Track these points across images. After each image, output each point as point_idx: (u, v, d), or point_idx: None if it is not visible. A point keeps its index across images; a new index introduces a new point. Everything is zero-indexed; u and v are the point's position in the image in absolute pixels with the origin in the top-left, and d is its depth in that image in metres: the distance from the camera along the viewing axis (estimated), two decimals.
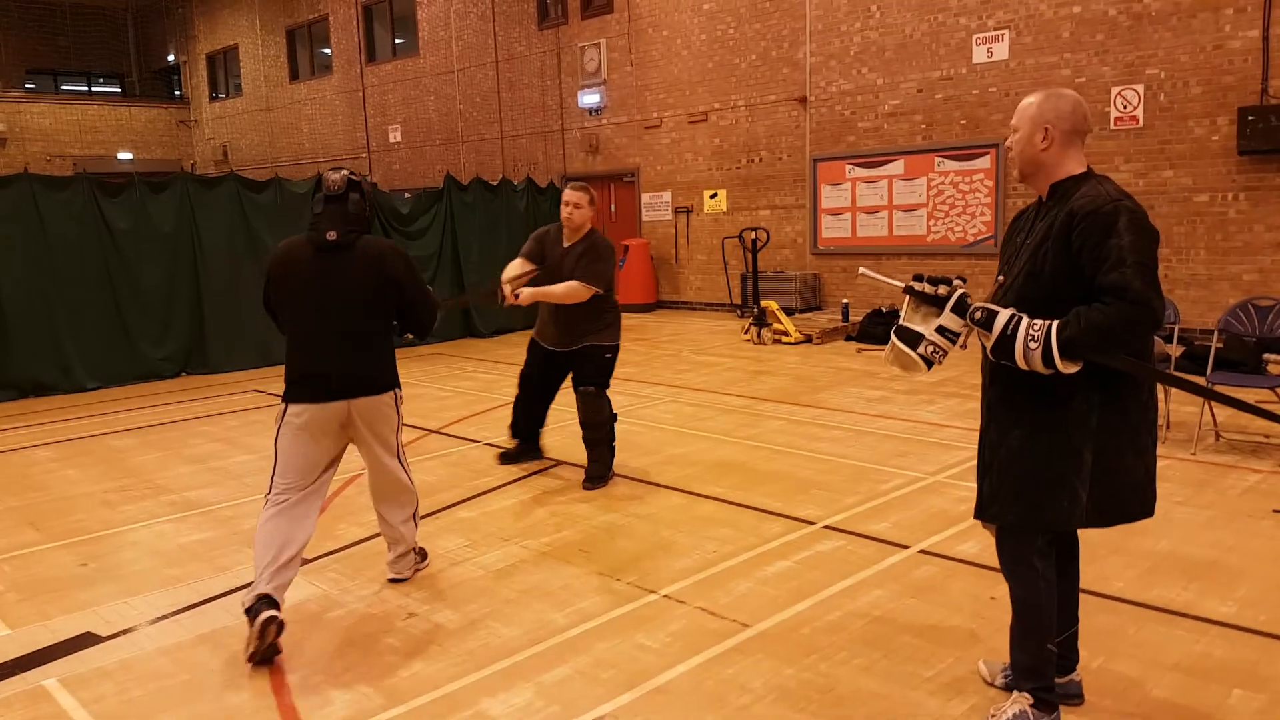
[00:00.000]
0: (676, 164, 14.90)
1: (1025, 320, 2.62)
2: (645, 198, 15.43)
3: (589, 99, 15.81)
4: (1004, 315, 2.65)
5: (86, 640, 3.66)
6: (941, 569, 4.15)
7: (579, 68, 15.91)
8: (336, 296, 3.76)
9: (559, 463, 6.08)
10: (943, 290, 2.78)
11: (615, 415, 5.67)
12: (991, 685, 3.14)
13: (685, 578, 4.12)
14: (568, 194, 5.54)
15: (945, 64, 11.77)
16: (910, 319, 2.84)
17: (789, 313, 12.24)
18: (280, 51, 22.79)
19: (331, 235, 3.77)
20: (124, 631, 3.74)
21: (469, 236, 12.53)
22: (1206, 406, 6.11)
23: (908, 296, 2.85)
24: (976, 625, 3.58)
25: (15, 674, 3.39)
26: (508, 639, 3.59)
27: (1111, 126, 10.48)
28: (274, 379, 9.65)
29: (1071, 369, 2.57)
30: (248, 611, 3.46)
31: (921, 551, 4.36)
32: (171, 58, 26.97)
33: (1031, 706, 2.80)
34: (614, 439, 5.66)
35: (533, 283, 5.45)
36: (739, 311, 13.35)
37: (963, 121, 11.71)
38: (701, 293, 14.89)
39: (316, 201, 3.87)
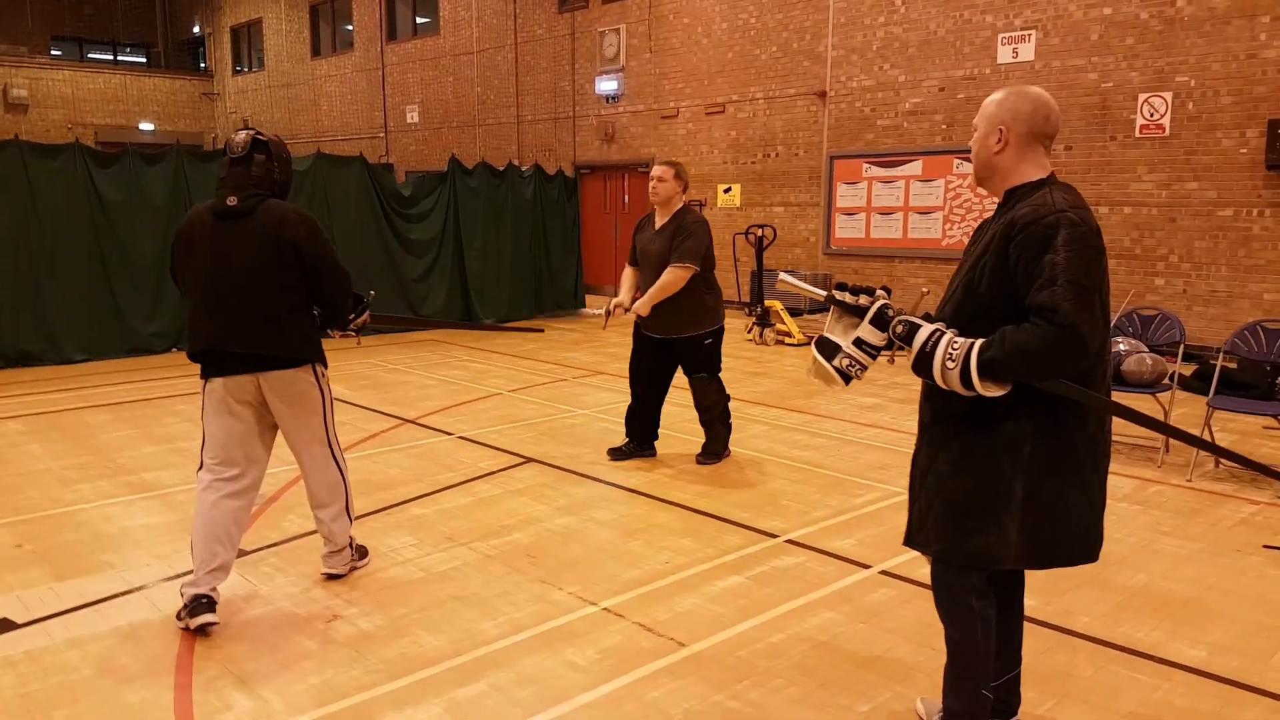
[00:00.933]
0: (692, 156, 14.66)
1: (947, 337, 2.41)
2: None
3: (606, 85, 15.59)
4: (925, 330, 2.45)
5: (2, 626, 3.54)
6: (898, 593, 3.94)
7: (597, 53, 15.70)
8: (236, 264, 3.57)
9: (528, 460, 5.91)
10: (864, 300, 2.58)
11: (728, 396, 5.92)
12: None
13: (630, 590, 3.94)
14: (654, 169, 5.68)
15: (969, 63, 11.45)
16: (832, 330, 2.66)
17: (796, 314, 12.01)
18: (303, 26, 22.75)
19: (232, 200, 3.58)
20: (40, 619, 3.61)
21: (473, 222, 12.36)
22: (1207, 431, 5.83)
23: (832, 306, 2.65)
24: (924, 658, 3.37)
25: None
26: (430, 649, 3.43)
27: (1136, 134, 10.15)
28: None
29: (995, 392, 2.36)
30: (186, 607, 3.50)
31: (882, 572, 4.15)
32: (197, 29, 27.03)
33: None
34: (729, 417, 5.93)
35: (640, 274, 5.70)
36: (746, 310, 13.10)
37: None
38: None
39: (223, 165, 3.72)
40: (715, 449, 5.88)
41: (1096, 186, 10.28)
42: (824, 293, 2.71)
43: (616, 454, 5.95)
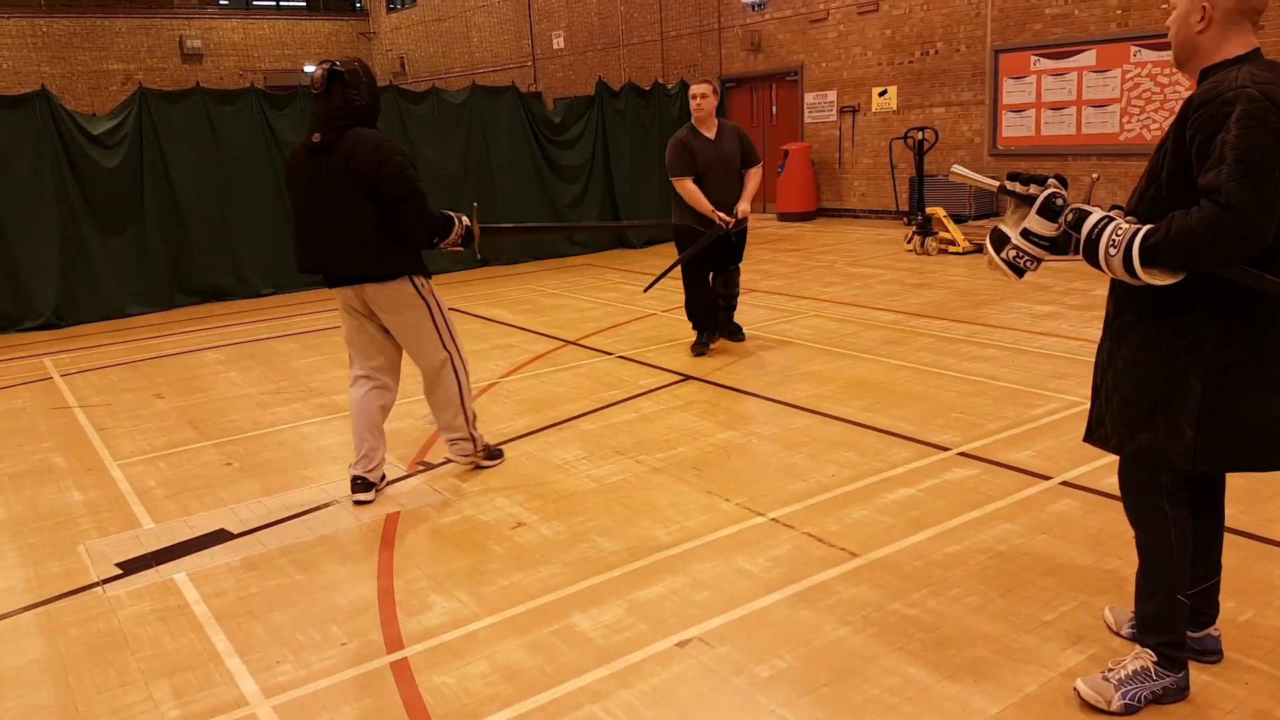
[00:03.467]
0: (843, 60, 14.06)
1: (1114, 223, 2.26)
2: (808, 98, 14.71)
3: None
4: (1094, 216, 2.30)
5: (219, 536, 3.91)
6: (1082, 503, 3.79)
7: None
8: (324, 194, 3.90)
9: (687, 378, 5.96)
10: (1035, 189, 2.43)
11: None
12: (1117, 634, 2.83)
13: (797, 501, 3.95)
14: (695, 88, 6.28)
15: None
16: (1006, 221, 2.53)
17: (959, 220, 11.45)
18: None
19: (316, 137, 3.88)
20: (253, 530, 3.96)
21: (620, 144, 12.34)
22: None
23: (1006, 198, 2.52)
24: (1112, 568, 3.25)
25: (151, 566, 3.66)
26: (608, 553, 3.56)
27: None
28: (443, 285, 9.97)
29: (1163, 280, 2.19)
30: (351, 485, 4.16)
31: (1063, 483, 3.99)
32: None
33: (1155, 664, 2.50)
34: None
35: (701, 184, 6.17)
36: (906, 219, 12.60)
37: (1163, 5, 10.36)
38: (866, 199, 14.18)
39: (311, 100, 3.99)
40: (739, 326, 6.80)
41: None
42: (996, 182, 2.58)
43: (701, 348, 6.52)
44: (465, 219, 4.18)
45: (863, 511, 3.82)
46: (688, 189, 6.17)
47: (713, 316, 6.54)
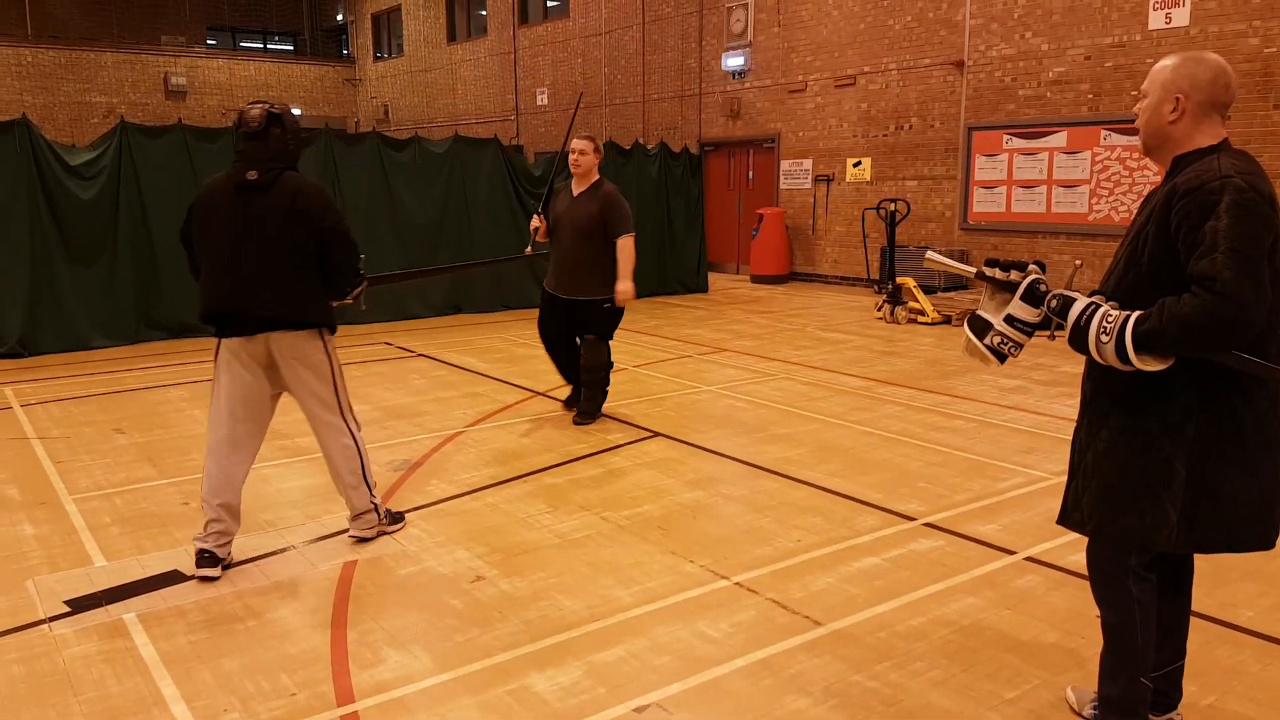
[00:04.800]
0: (820, 130, 14.38)
1: (1102, 309, 2.30)
2: (784, 165, 14.99)
3: (733, 61, 15.43)
4: (1080, 303, 2.34)
5: (172, 577, 3.81)
6: (1046, 580, 3.80)
7: (724, 29, 15.56)
8: (256, 233, 3.74)
9: (656, 434, 5.95)
10: (1015, 276, 2.48)
11: (612, 363, 6.29)
12: (1079, 715, 2.82)
13: (762, 566, 3.92)
14: (574, 142, 6.02)
15: (1118, 29, 10.81)
16: (984, 307, 2.56)
17: (929, 291, 11.64)
18: (440, 12, 23.35)
19: (252, 175, 3.74)
20: (209, 572, 3.86)
21: None
22: None
23: (984, 284, 2.56)
24: (1074, 646, 3.25)
25: (101, 605, 3.55)
26: (568, 612, 3.51)
27: None
28: (405, 333, 9.95)
29: (1154, 366, 2.23)
30: (196, 557, 3.82)
31: (1028, 559, 4.00)
32: (340, 18, 28.12)
33: None
34: (609, 384, 6.30)
35: (551, 231, 6.11)
36: (876, 287, 12.79)
37: (1134, 92, 10.71)
38: (838, 266, 14.39)
39: (239, 139, 3.84)
40: (591, 410, 6.22)
41: (1258, 159, 9.55)
42: (973, 269, 2.63)
43: (570, 402, 6.40)
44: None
45: (827, 579, 3.80)
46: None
47: (573, 368, 6.34)
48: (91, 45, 22.75)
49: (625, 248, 5.92)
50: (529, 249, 6.27)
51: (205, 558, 3.82)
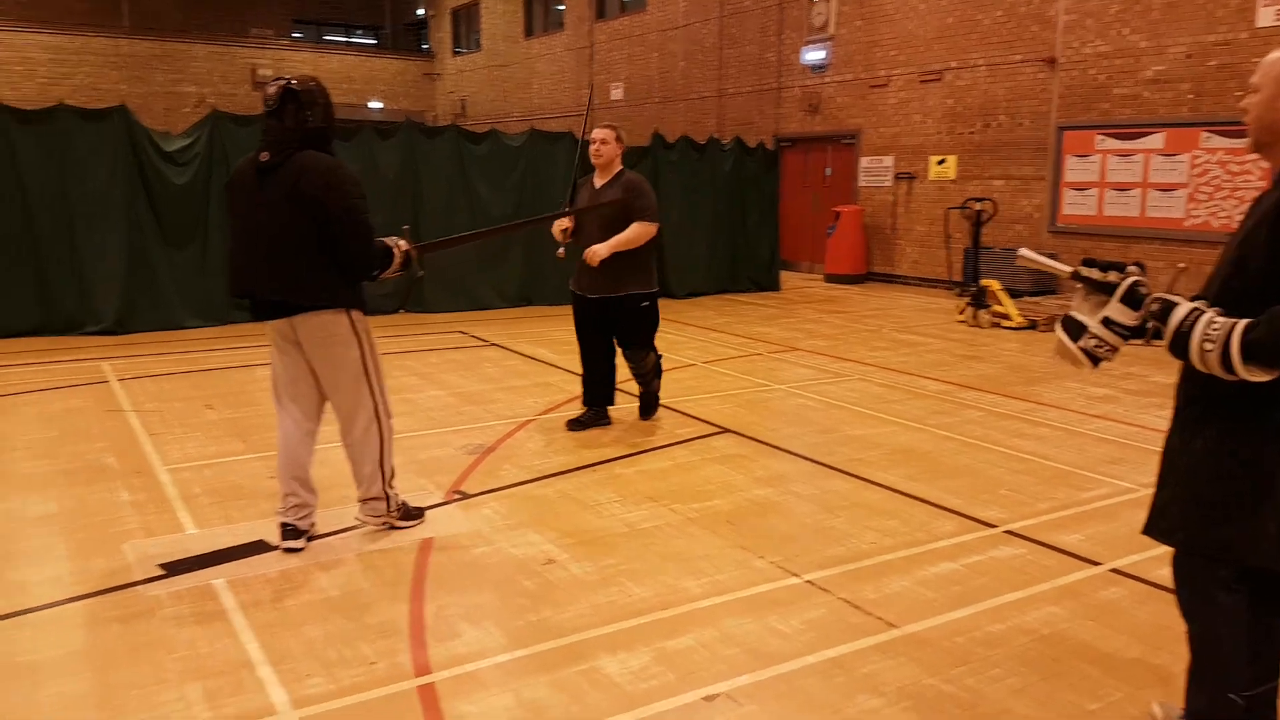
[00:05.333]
0: (902, 126, 14.14)
1: (1206, 315, 2.20)
2: (864, 161, 14.78)
3: (813, 55, 15.26)
4: (1183, 308, 2.24)
5: (259, 547, 3.94)
6: (1132, 592, 3.68)
7: (805, 22, 15.39)
8: (266, 216, 3.68)
9: (725, 430, 5.93)
10: (1113, 277, 2.39)
11: (660, 355, 6.03)
12: None
13: (834, 565, 3.88)
14: (595, 132, 5.63)
15: (1223, 26, 10.39)
16: (1079, 309, 2.47)
17: (1015, 295, 11.35)
18: (518, 7, 23.58)
19: (264, 156, 3.68)
20: (295, 542, 3.97)
21: (670, 195, 12.42)
22: None
23: (1079, 284, 2.48)
24: (1161, 661, 3.14)
25: (192, 570, 3.69)
26: (637, 599, 3.53)
27: None
28: (480, 322, 10.10)
29: (1261, 376, 2.13)
30: (280, 531, 3.93)
31: (1113, 570, 3.89)
32: (421, 12, 28.59)
33: None
34: (661, 373, 6.09)
35: (577, 228, 5.62)
36: (958, 290, 12.54)
37: (1238, 93, 10.30)
38: (918, 266, 14.14)
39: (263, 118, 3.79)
40: (654, 401, 6.11)
41: None
42: (1068, 268, 2.54)
43: (576, 425, 5.87)
44: (402, 242, 3.96)
45: (903, 582, 3.74)
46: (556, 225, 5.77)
47: (599, 389, 5.89)
48: (184, 37, 23.56)
49: (636, 228, 5.43)
50: (560, 252, 5.72)
51: (288, 530, 3.93)
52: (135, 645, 3.11)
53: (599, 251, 5.37)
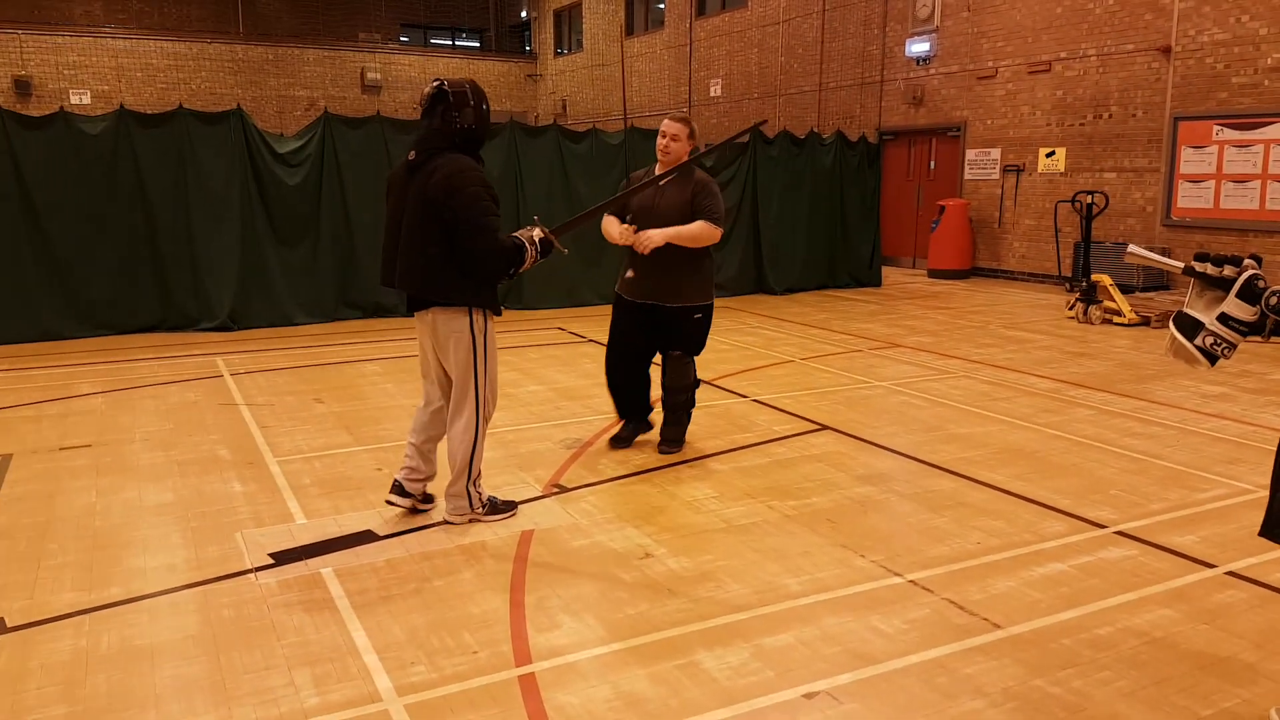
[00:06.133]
0: (1010, 118, 13.71)
1: None
2: (970, 154, 14.38)
3: (917, 47, 14.93)
4: None
5: (366, 537, 4.07)
6: (1250, 596, 3.50)
7: (909, 14, 15.07)
8: (407, 213, 3.88)
9: (824, 427, 5.86)
10: (1229, 272, 2.28)
11: (699, 381, 5.44)
12: None
13: (938, 565, 3.80)
14: (666, 124, 5.06)
15: None
16: (1192, 305, 2.38)
17: (1126, 290, 10.90)
18: (619, 7, 23.73)
19: (411, 155, 3.86)
20: (398, 534, 4.11)
21: (770, 191, 12.35)
22: None
23: (1191, 280, 2.38)
24: (1279, 667, 2.98)
25: (300, 559, 3.85)
26: (736, 595, 3.52)
27: None
28: (577, 319, 10.22)
29: None
30: (391, 486, 4.25)
31: (1229, 573, 3.71)
32: (524, 14, 29.07)
33: None
34: (694, 405, 5.44)
35: (639, 224, 4.97)
36: (1068, 285, 12.09)
37: None
38: (1025, 261, 13.69)
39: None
40: (678, 435, 5.35)
41: None
42: (1180, 264, 2.45)
43: (620, 442, 5.34)
44: (536, 232, 4.03)
45: (1008, 583, 3.64)
46: (605, 222, 5.22)
47: (636, 399, 5.39)
48: (296, 42, 24.50)
49: (701, 226, 4.91)
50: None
51: (395, 487, 4.24)
52: (247, 631, 3.26)
53: (652, 238, 4.82)
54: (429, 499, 4.40)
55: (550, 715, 2.74)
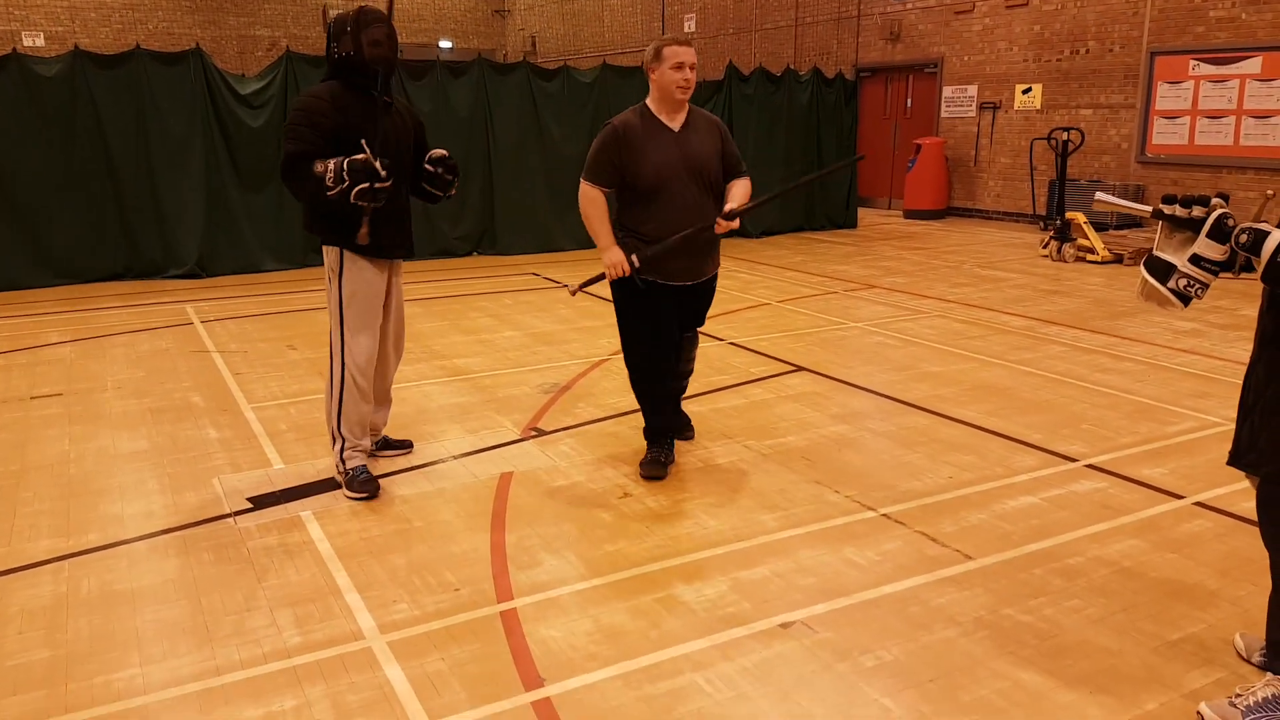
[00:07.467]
0: (987, 54, 13.60)
1: None
2: (947, 91, 14.28)
3: None
4: (1276, 235, 2.15)
5: None
6: (1216, 525, 3.59)
7: None
8: None
9: (800, 368, 5.89)
10: (1198, 212, 2.30)
11: None
12: (1247, 661, 2.69)
13: (911, 499, 3.86)
14: (684, 52, 3.85)
15: None
16: (1162, 248, 2.40)
17: (1101, 228, 10.96)
18: None
19: None
20: (378, 476, 4.10)
21: (745, 129, 12.20)
22: None
23: (1159, 223, 2.39)
24: (1243, 593, 3.08)
25: (279, 503, 3.85)
26: (712, 530, 3.57)
27: None
28: (552, 264, 10.15)
29: None
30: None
31: (1197, 504, 3.79)
32: None
33: None
34: None
35: (654, 202, 3.89)
36: (1042, 223, 12.13)
37: None
38: (1000, 200, 13.71)
39: None
40: (689, 433, 4.57)
41: None
42: (1148, 208, 2.46)
43: (660, 471, 4.12)
44: (360, 157, 3.53)
45: (980, 516, 3.71)
46: (593, 206, 3.95)
47: (677, 411, 4.40)
48: None
49: (746, 185, 4.07)
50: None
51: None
52: (227, 574, 3.27)
53: (735, 210, 3.90)
54: (400, 444, 4.40)
55: (532, 648, 2.78)
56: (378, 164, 3.53)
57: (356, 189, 3.53)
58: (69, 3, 21.47)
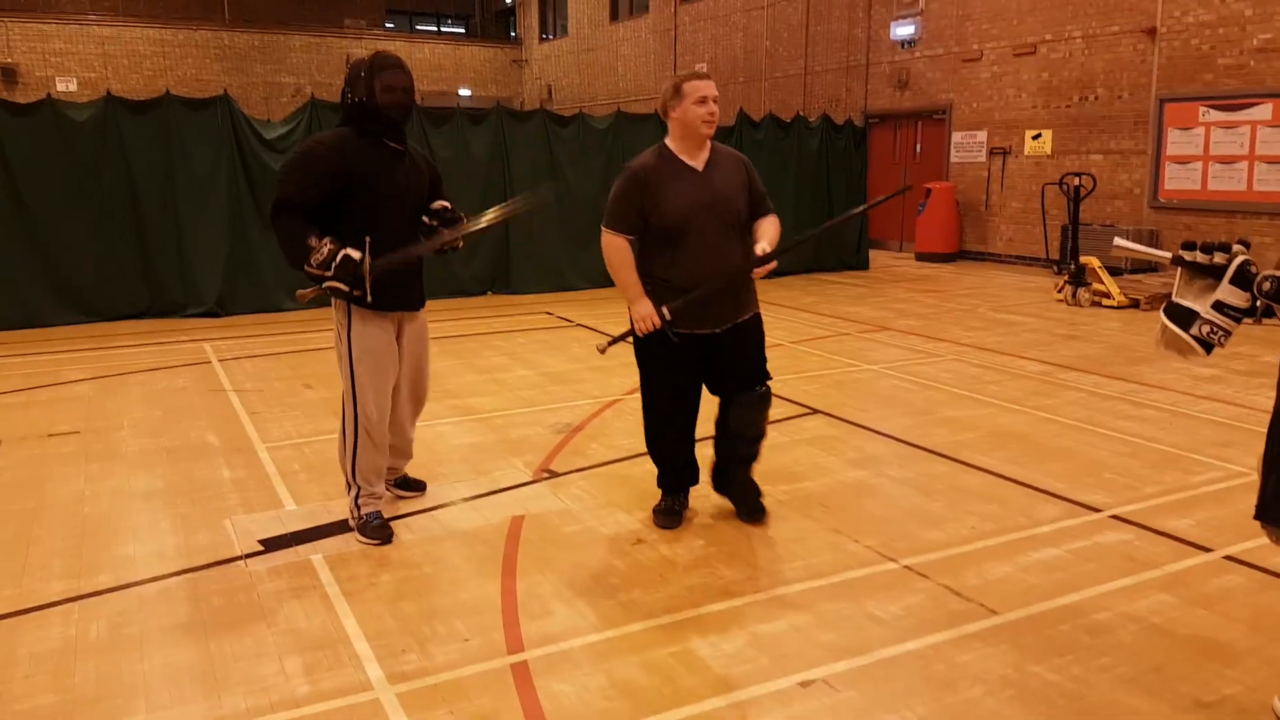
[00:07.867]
0: (995, 101, 13.68)
1: None
2: (956, 137, 14.35)
3: (902, 30, 14.87)
4: None
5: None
6: (1249, 581, 3.50)
7: None
8: None
9: (815, 411, 5.84)
10: (1219, 258, 2.26)
11: None
12: None
13: (932, 551, 3.78)
14: (706, 86, 3.75)
15: None
16: (1183, 294, 2.36)
17: (1115, 273, 10.91)
18: None
19: None
20: (389, 520, 4.04)
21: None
22: None
23: (1179, 269, 2.35)
24: None
25: (290, 545, 3.80)
26: (729, 581, 3.49)
27: None
28: (566, 304, 10.16)
29: None
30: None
31: (1227, 558, 3.70)
32: (509, 0, 28.83)
33: None
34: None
35: (680, 245, 3.71)
36: (1056, 268, 12.09)
37: None
38: (1012, 244, 13.69)
39: None
40: (759, 498, 4.15)
41: None
42: (1168, 254, 2.43)
43: (674, 519, 4.01)
44: (351, 254, 3.50)
45: (1004, 568, 3.62)
46: (617, 254, 3.74)
47: (689, 467, 4.10)
48: (281, 29, 24.25)
49: (775, 224, 3.96)
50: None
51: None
52: (237, 619, 3.21)
53: (768, 254, 3.77)
54: (416, 485, 4.34)
55: (544, 704, 2.70)
56: (366, 268, 3.52)
57: (331, 283, 3.52)
58: (102, 50, 21.98)
